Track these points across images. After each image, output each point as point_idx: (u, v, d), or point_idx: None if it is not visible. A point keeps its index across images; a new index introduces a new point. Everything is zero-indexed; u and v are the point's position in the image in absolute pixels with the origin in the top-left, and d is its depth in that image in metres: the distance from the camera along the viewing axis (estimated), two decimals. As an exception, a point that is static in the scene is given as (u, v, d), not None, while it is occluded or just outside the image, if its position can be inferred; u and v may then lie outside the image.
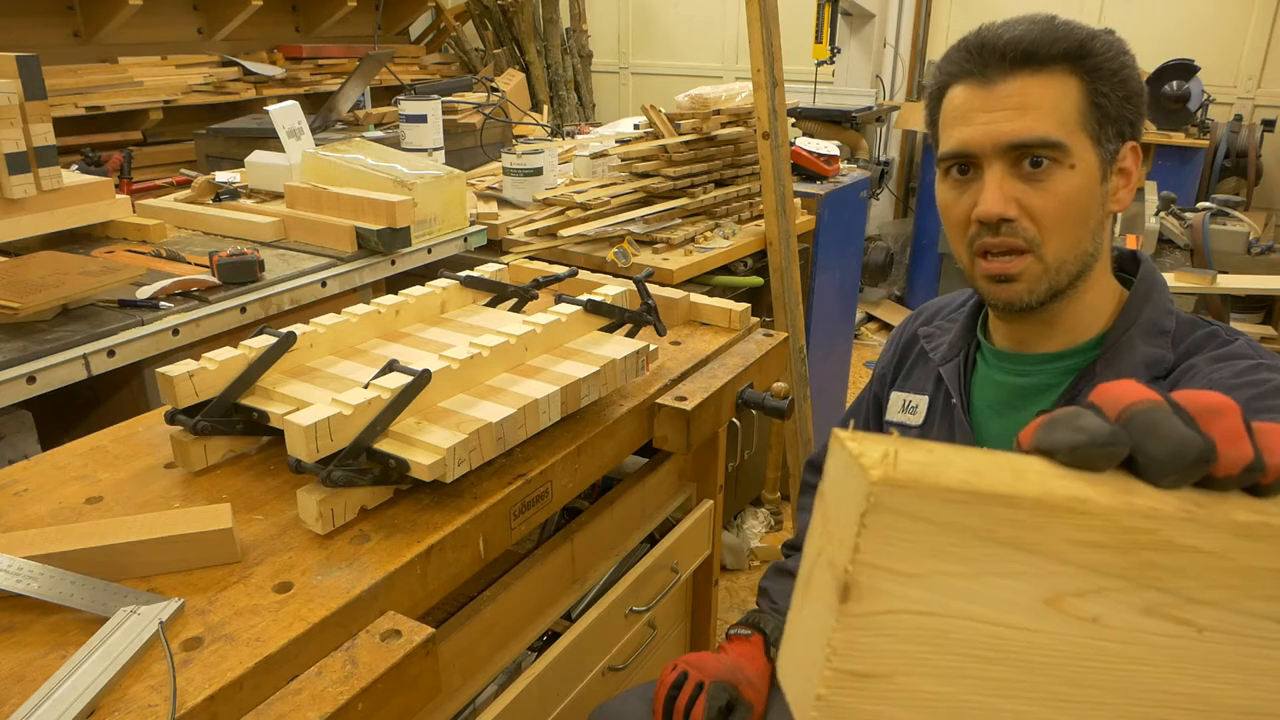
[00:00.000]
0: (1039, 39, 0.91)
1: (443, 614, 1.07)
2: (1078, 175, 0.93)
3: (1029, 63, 0.92)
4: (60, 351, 1.43)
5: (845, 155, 3.33)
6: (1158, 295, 1.00)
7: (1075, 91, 0.92)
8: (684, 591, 1.55)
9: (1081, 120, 0.92)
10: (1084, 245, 0.96)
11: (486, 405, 1.03)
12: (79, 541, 0.86)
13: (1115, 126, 0.94)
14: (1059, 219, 0.93)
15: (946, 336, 1.14)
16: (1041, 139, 0.91)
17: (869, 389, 1.27)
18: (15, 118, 1.68)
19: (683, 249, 2.20)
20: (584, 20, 5.28)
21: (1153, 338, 0.97)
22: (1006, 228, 0.94)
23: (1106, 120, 0.93)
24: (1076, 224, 0.94)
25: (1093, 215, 0.95)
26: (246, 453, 1.10)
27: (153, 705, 0.72)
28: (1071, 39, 0.92)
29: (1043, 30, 0.92)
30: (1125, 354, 0.97)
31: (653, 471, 1.39)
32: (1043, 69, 0.92)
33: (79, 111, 3.36)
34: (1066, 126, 0.92)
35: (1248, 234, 3.56)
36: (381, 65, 3.32)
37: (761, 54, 2.22)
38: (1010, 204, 0.93)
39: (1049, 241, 0.94)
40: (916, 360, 1.18)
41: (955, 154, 0.95)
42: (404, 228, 1.96)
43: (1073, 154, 0.92)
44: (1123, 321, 0.99)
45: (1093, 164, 0.93)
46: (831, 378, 3.02)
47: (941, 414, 1.11)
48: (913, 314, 1.24)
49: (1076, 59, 0.92)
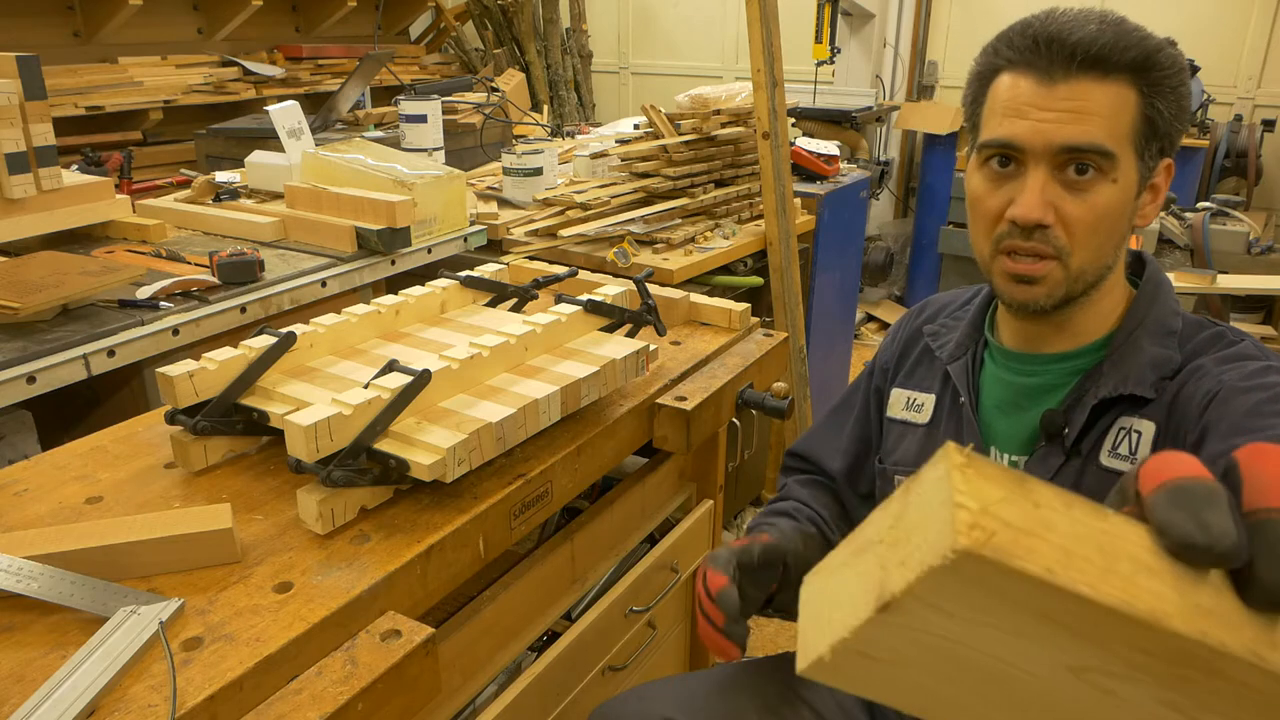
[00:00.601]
0: (1111, 45, 0.89)
1: (443, 614, 1.07)
2: (1118, 189, 0.91)
3: (1096, 67, 0.89)
4: (60, 351, 1.43)
5: (845, 155, 3.33)
6: (1164, 295, 1.00)
7: (1133, 103, 0.90)
8: (684, 591, 1.55)
9: (1133, 133, 0.91)
10: (1107, 258, 0.95)
11: (486, 405, 1.03)
12: (79, 541, 0.86)
13: (1160, 143, 0.93)
14: (1091, 231, 0.92)
15: (953, 335, 1.13)
16: (1097, 146, 0.90)
17: (868, 381, 1.26)
18: (15, 118, 1.68)
19: (683, 249, 2.20)
20: (584, 20, 5.28)
21: (1160, 338, 0.97)
22: (1039, 234, 0.93)
23: (1154, 136, 0.92)
24: (1106, 237, 0.94)
25: (1121, 229, 0.95)
26: (246, 453, 1.10)
27: (153, 705, 0.72)
28: (1140, 49, 0.90)
29: (1115, 35, 0.89)
30: (1132, 355, 0.96)
31: (653, 471, 1.39)
32: (1107, 76, 0.90)
33: (79, 111, 3.36)
34: (1118, 138, 0.90)
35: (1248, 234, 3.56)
36: (381, 65, 3.32)
37: (761, 54, 2.22)
38: (1049, 210, 0.92)
39: (1077, 252, 0.93)
40: (920, 357, 1.17)
41: (1002, 144, 0.93)
42: (404, 228, 1.96)
43: (1119, 167, 0.91)
44: (1129, 322, 0.99)
45: (1132, 179, 0.92)
46: (831, 378, 3.02)
47: (949, 412, 1.11)
48: (914, 310, 1.23)
49: (1141, 70, 0.90)
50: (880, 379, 1.23)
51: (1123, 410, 0.96)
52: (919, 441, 1.13)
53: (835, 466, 1.26)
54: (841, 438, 1.27)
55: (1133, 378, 0.95)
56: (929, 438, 1.12)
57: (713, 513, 1.53)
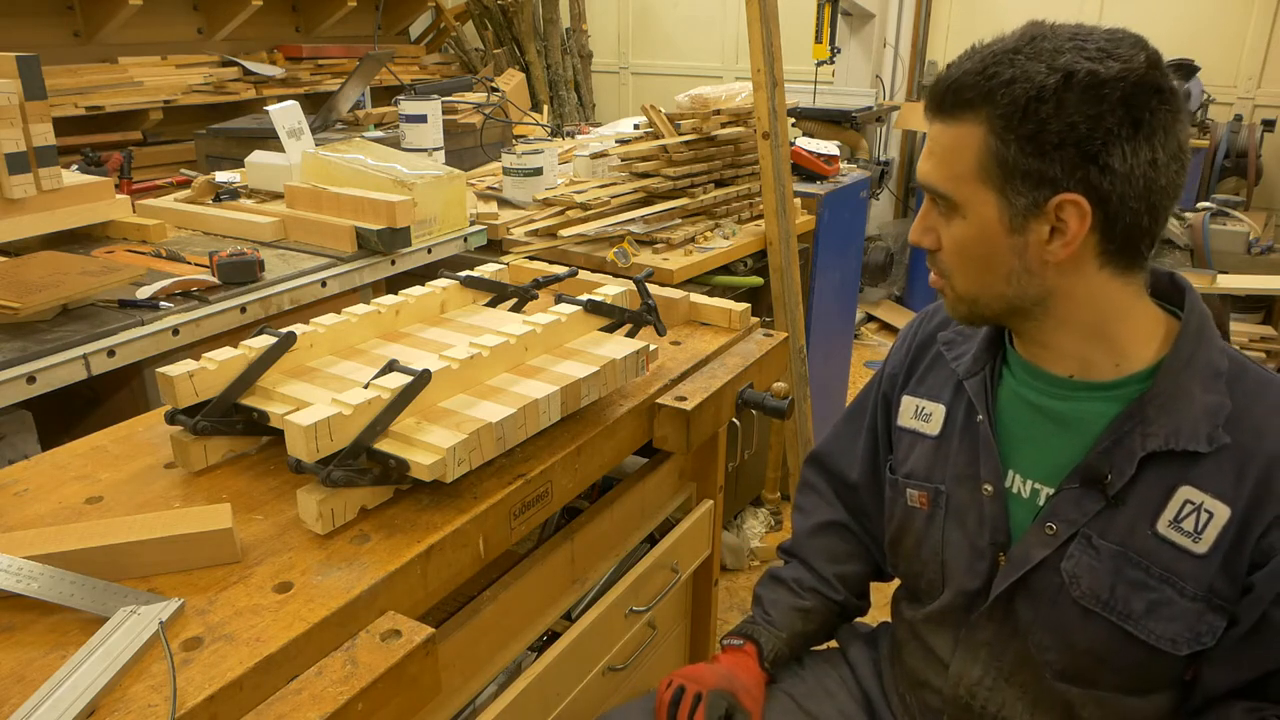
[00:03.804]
0: (954, 84, 0.90)
1: (443, 614, 1.07)
2: (969, 226, 0.93)
3: (940, 109, 0.93)
4: (60, 351, 1.43)
5: (845, 155, 3.33)
6: (1209, 331, 0.96)
7: (977, 141, 0.89)
8: (684, 591, 1.55)
9: (980, 172, 0.90)
10: (997, 288, 0.95)
11: (486, 405, 1.03)
12: (79, 541, 0.86)
13: (1026, 180, 0.88)
14: (954, 258, 0.97)
15: (969, 346, 1.11)
16: (930, 185, 0.95)
17: (875, 388, 1.26)
18: (15, 118, 1.68)
19: (683, 249, 2.20)
20: (584, 20, 5.29)
21: (1209, 381, 0.94)
22: (930, 254, 1.00)
23: (1012, 174, 0.88)
24: (978, 268, 0.96)
25: (999, 263, 0.93)
26: (246, 453, 1.10)
27: (153, 705, 0.72)
28: (980, 87, 0.88)
29: (964, 73, 0.90)
30: (1184, 403, 0.93)
31: (653, 471, 1.39)
32: (952, 116, 0.91)
33: (79, 111, 3.36)
34: (956, 178, 0.92)
35: (1248, 234, 3.56)
36: (381, 65, 3.32)
37: (761, 54, 2.22)
38: (927, 235, 0.99)
39: (953, 275, 0.99)
40: (932, 364, 1.16)
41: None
42: (404, 228, 1.96)
43: (963, 206, 0.93)
44: (1175, 360, 0.94)
45: (989, 216, 0.91)
46: (831, 378, 3.02)
47: (963, 428, 1.09)
48: (925, 313, 1.22)
49: (987, 106, 0.88)
50: (889, 386, 1.23)
51: (1176, 464, 0.93)
52: (929, 454, 1.12)
53: (854, 477, 1.28)
54: (858, 445, 1.28)
55: (1185, 431, 0.92)
56: (939, 451, 1.11)
57: (713, 513, 1.53)
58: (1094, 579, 0.96)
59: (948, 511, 1.09)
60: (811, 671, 1.26)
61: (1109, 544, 0.96)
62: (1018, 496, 1.04)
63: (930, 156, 0.95)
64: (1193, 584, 0.93)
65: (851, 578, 1.29)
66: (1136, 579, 0.94)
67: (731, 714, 1.13)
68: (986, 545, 1.05)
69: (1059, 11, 0.97)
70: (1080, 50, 0.85)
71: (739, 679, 1.17)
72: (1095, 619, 0.96)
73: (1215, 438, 0.92)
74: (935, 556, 1.10)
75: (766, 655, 1.21)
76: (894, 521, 1.17)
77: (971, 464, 1.07)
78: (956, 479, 1.08)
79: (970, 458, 1.07)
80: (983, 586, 1.05)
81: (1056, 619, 0.99)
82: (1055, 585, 0.99)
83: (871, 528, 1.28)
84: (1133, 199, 0.87)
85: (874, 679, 1.25)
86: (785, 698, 1.21)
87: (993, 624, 1.05)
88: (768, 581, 1.31)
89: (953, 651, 1.10)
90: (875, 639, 1.30)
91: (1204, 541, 0.92)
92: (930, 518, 1.11)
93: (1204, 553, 0.92)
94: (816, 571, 1.28)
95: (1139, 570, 0.94)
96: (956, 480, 1.08)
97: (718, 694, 1.13)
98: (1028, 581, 1.01)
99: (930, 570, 1.11)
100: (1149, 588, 0.94)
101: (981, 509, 1.05)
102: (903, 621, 1.19)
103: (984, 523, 1.05)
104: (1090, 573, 0.96)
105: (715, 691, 1.13)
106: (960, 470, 1.08)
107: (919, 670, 1.15)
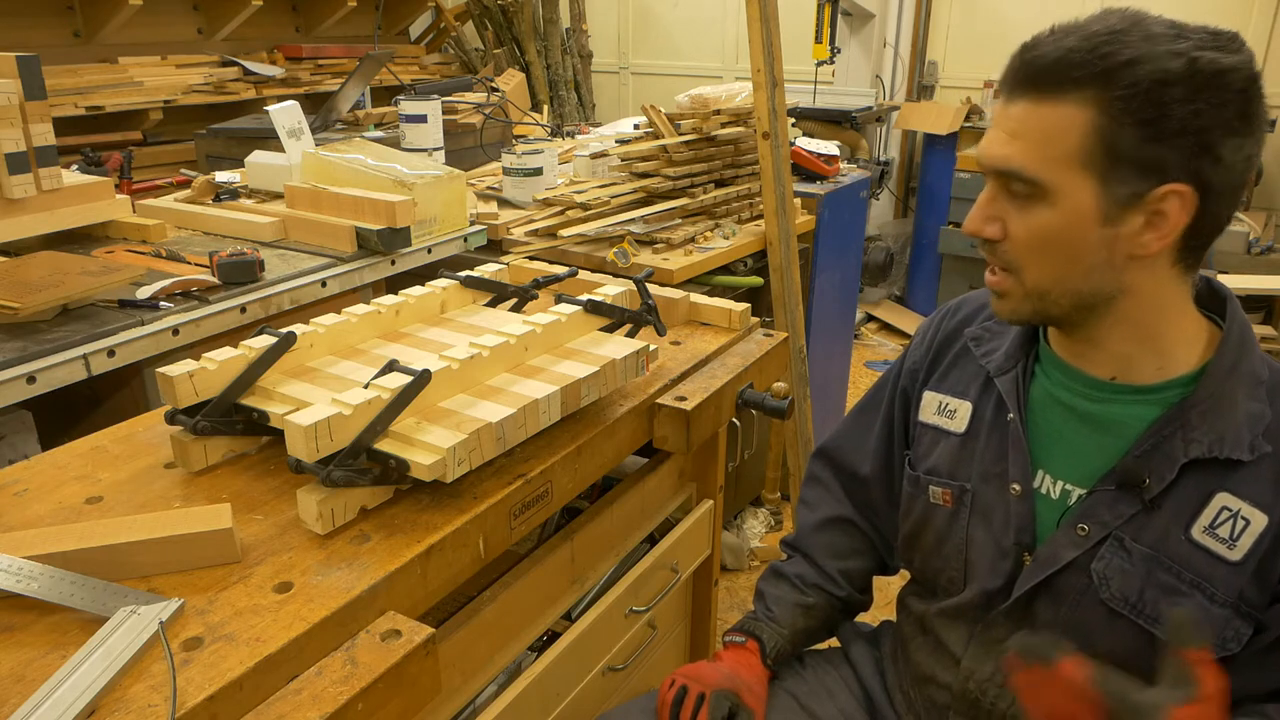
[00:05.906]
0: (1057, 61, 0.85)
1: (443, 614, 1.07)
2: (1058, 214, 0.88)
3: (1035, 87, 0.87)
4: (60, 351, 1.43)
5: (845, 155, 3.32)
6: (1251, 340, 0.96)
7: (1083, 125, 0.84)
8: (684, 591, 1.55)
9: (1083, 156, 0.85)
10: (1073, 283, 0.91)
11: (486, 405, 1.03)
12: (79, 541, 0.86)
13: (1136, 167, 0.84)
14: (1030, 249, 0.91)
15: (1000, 343, 1.09)
16: (1014, 171, 0.89)
17: (893, 383, 1.24)
18: (15, 118, 1.68)
19: (683, 249, 2.20)
20: (584, 20, 5.28)
21: (1252, 389, 0.94)
22: (990, 246, 0.94)
23: (1120, 160, 0.84)
24: (1058, 261, 0.91)
25: (1084, 256, 0.89)
26: (246, 453, 1.10)
27: (153, 705, 0.72)
28: (1093, 65, 0.83)
29: (1069, 50, 0.84)
30: (1227, 409, 0.93)
31: (653, 471, 1.39)
32: (1048, 96, 0.86)
33: (79, 111, 3.36)
34: (1052, 163, 0.86)
35: (1248, 234, 3.56)
36: (381, 65, 3.32)
37: (761, 54, 2.22)
38: (990, 224, 0.93)
39: (1026, 269, 0.93)
40: (956, 360, 1.14)
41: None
42: (404, 228, 1.96)
43: (1053, 192, 0.87)
44: (1219, 367, 0.93)
45: (1085, 204, 0.87)
46: (831, 378, 3.02)
47: (991, 425, 1.08)
48: (948, 309, 1.20)
49: (1100, 87, 0.83)
50: (908, 381, 1.21)
51: (1215, 470, 0.93)
52: (954, 451, 1.11)
53: (865, 471, 1.27)
54: (870, 439, 1.26)
55: (1229, 439, 0.92)
56: (965, 448, 1.10)
57: (713, 513, 1.53)
58: (1125, 581, 0.96)
59: (972, 510, 1.08)
60: (813, 671, 1.26)
61: (1142, 547, 0.95)
62: (1046, 497, 1.03)
63: (1015, 139, 0.88)
64: (1223, 590, 0.93)
65: (855, 573, 1.28)
66: (1167, 583, 0.94)
67: (734, 713, 1.13)
68: (1011, 545, 1.04)
69: (1059, 11, 0.97)
70: (1191, 38, 0.82)
71: (742, 677, 1.17)
72: (1121, 621, 0.96)
73: (1257, 446, 0.92)
74: (958, 554, 1.09)
75: (769, 652, 1.21)
76: (911, 517, 1.15)
77: (999, 462, 1.06)
78: (983, 477, 1.07)
79: (998, 456, 1.06)
80: (1004, 585, 1.04)
81: (1078, 620, 0.99)
82: (1081, 586, 0.98)
83: (880, 523, 1.28)
84: (1229, 193, 0.87)
85: (876, 678, 1.24)
86: (787, 696, 1.21)
87: (1010, 622, 1.04)
88: (770, 577, 1.31)
89: (965, 647, 1.09)
90: (877, 638, 1.30)
91: (1239, 549, 0.92)
92: (953, 515, 1.10)
93: (1238, 560, 0.92)
94: (820, 567, 1.27)
95: (1170, 575, 0.94)
96: (983, 478, 1.07)
97: (720, 694, 1.13)
98: (1052, 582, 1.00)
99: (952, 568, 1.10)
100: (1179, 592, 0.94)
101: (1008, 508, 1.04)
102: (910, 616, 1.18)
103: (1009, 522, 1.04)
104: (1121, 575, 0.96)
105: (718, 691, 1.13)
106: (987, 468, 1.07)
107: (926, 665, 1.14)
